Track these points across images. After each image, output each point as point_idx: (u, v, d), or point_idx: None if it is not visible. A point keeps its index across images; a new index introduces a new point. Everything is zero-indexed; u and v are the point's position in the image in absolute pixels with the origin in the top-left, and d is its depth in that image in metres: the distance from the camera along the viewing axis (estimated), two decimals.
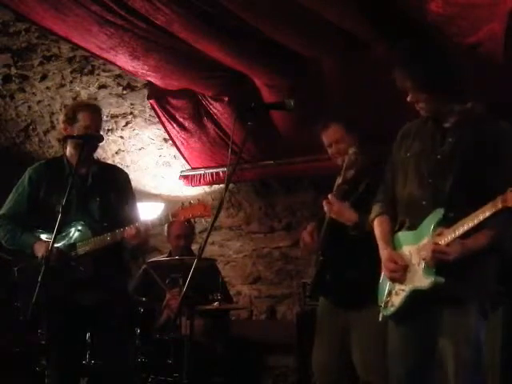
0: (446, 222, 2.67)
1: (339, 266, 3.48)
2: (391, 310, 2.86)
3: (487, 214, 2.51)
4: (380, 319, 2.95)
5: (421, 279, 2.71)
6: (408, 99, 2.81)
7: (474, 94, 2.83)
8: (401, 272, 2.79)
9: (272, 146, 5.69)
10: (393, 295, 2.86)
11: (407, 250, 2.81)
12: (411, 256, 2.79)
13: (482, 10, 3.78)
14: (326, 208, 3.48)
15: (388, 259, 2.84)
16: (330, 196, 3.47)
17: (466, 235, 2.61)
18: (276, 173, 5.96)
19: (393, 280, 2.84)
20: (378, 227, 3.00)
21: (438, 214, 2.69)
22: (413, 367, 2.80)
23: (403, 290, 2.80)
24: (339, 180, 3.51)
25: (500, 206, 2.46)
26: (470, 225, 2.56)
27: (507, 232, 2.63)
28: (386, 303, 2.88)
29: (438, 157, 2.78)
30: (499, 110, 2.83)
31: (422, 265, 2.71)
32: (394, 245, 2.89)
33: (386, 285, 2.90)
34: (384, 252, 2.89)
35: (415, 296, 2.75)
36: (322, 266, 3.56)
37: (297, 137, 5.39)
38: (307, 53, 4.74)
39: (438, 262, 2.65)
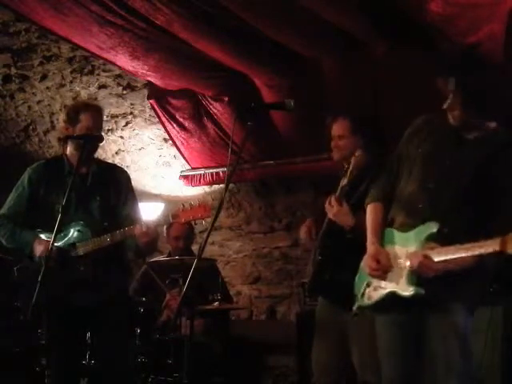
0: (439, 237, 2.66)
1: (338, 265, 3.48)
2: (367, 302, 2.87)
3: (482, 251, 2.47)
4: (354, 308, 2.96)
5: (402, 285, 2.72)
6: (445, 106, 2.75)
7: None
8: (381, 272, 2.79)
9: (272, 146, 5.69)
10: (371, 288, 2.86)
11: (395, 249, 2.81)
12: (397, 258, 2.78)
13: (482, 9, 3.78)
14: (326, 208, 3.48)
15: (371, 256, 2.83)
16: (331, 198, 3.47)
17: None
18: (276, 173, 5.96)
19: (372, 276, 2.85)
20: (371, 215, 2.98)
21: (432, 227, 2.68)
22: (403, 367, 2.81)
23: (383, 288, 2.80)
24: (344, 181, 3.50)
25: (498, 249, 2.42)
26: (463, 254, 2.54)
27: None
28: (363, 294, 2.89)
29: (447, 162, 2.75)
30: (499, 110, 2.83)
31: (406, 272, 2.72)
32: (383, 239, 2.87)
33: (365, 276, 2.90)
34: (371, 247, 2.87)
35: (393, 296, 2.76)
36: (320, 265, 3.56)
37: (297, 137, 5.39)
38: (307, 53, 4.74)
39: (422, 274, 2.66)
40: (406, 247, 2.76)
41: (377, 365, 3.22)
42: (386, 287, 2.79)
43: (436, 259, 2.62)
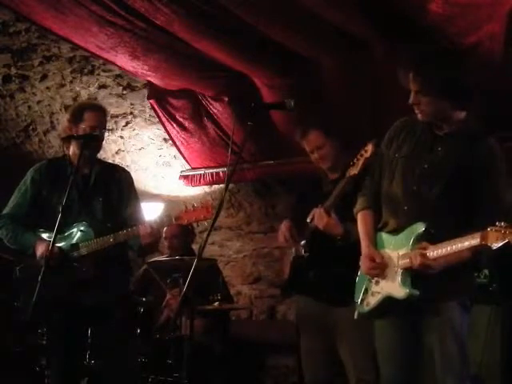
0: (427, 237, 2.70)
1: (325, 263, 3.48)
2: (366, 308, 2.91)
3: (466, 245, 2.53)
4: (356, 316, 2.98)
5: (397, 288, 2.75)
6: (410, 101, 2.80)
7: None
8: (378, 270, 2.83)
9: (272, 146, 5.68)
10: (369, 295, 2.90)
11: (386, 253, 2.85)
12: (389, 261, 2.82)
13: (482, 9, 3.78)
14: (316, 219, 3.43)
15: (367, 256, 2.87)
16: (319, 209, 3.42)
17: None
18: (276, 173, 5.96)
19: (369, 275, 2.88)
20: (362, 222, 3.02)
21: (419, 227, 2.72)
22: (400, 367, 2.83)
23: (379, 293, 2.84)
24: (355, 171, 3.31)
25: (478, 242, 2.48)
26: (449, 250, 2.59)
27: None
28: (362, 301, 2.92)
29: (426, 166, 2.79)
30: (499, 110, 2.83)
31: (400, 274, 2.75)
32: (376, 243, 2.91)
33: (363, 282, 2.94)
34: (365, 249, 2.91)
35: (390, 300, 2.79)
36: (305, 263, 3.55)
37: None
38: (307, 53, 4.73)
39: (424, 273, 2.68)
40: (396, 250, 2.80)
41: (372, 364, 3.24)
42: (382, 291, 2.83)
43: (430, 256, 2.65)
